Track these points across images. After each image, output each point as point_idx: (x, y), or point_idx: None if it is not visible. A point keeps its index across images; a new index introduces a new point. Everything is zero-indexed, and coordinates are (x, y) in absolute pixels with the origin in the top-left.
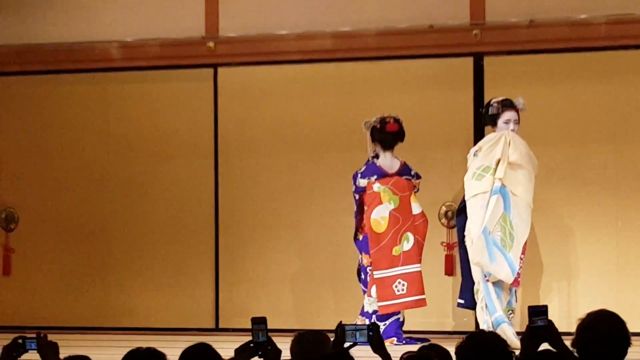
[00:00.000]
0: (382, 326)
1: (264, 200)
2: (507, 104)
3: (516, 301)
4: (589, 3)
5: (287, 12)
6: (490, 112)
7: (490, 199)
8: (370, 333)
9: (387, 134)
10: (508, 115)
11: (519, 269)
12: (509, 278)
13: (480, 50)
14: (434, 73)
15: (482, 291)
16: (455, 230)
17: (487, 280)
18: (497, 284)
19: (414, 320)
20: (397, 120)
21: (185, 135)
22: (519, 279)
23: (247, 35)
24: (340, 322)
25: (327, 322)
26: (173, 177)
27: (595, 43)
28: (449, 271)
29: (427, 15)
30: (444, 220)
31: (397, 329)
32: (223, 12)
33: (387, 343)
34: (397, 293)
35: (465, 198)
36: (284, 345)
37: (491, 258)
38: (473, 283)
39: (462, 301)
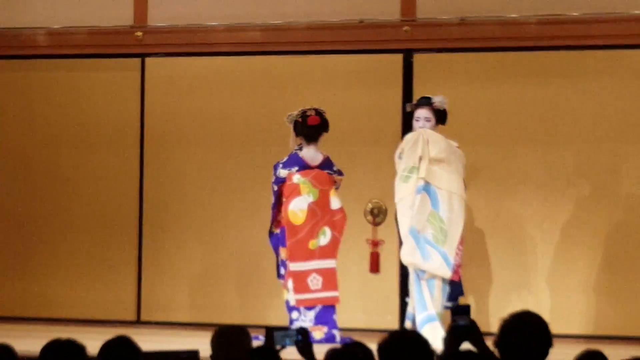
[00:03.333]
0: (312, 312)
1: (189, 193)
2: (420, 103)
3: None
4: (521, 2)
5: (217, 3)
6: (407, 110)
7: (415, 199)
8: (299, 337)
9: (309, 127)
10: (418, 113)
11: (457, 262)
12: (445, 272)
13: (411, 47)
14: (363, 68)
15: (414, 290)
16: (380, 227)
17: (421, 279)
18: (432, 282)
19: (339, 317)
20: (318, 113)
21: (111, 126)
22: (459, 271)
23: (176, 26)
24: (267, 327)
25: (249, 316)
26: (98, 167)
27: (525, 43)
28: (374, 268)
29: (358, 10)
30: (369, 218)
31: (332, 316)
32: (152, 2)
33: (317, 332)
34: (312, 287)
35: (395, 202)
36: (203, 339)
37: (424, 256)
38: None
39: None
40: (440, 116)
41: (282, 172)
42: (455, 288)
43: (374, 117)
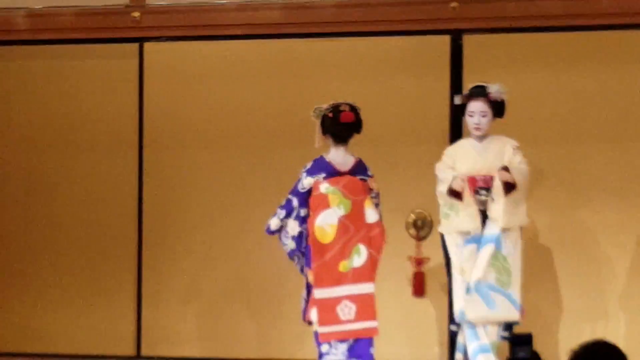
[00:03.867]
0: (345, 345)
1: (196, 202)
2: (473, 93)
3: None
4: None
5: None
6: (455, 103)
7: (482, 249)
8: None
9: (341, 125)
10: (473, 106)
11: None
12: (514, 316)
13: (459, 26)
14: (401, 53)
15: (465, 332)
16: (424, 242)
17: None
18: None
19: (377, 350)
20: (353, 108)
21: (104, 123)
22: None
23: (179, 4)
24: None
25: (268, 350)
26: (88, 173)
27: (596, 20)
28: (419, 291)
29: None
30: (412, 231)
31: (368, 349)
32: None
33: None
34: (343, 318)
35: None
36: None
37: (490, 306)
38: None
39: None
40: (498, 108)
41: (307, 181)
42: None
43: (415, 111)
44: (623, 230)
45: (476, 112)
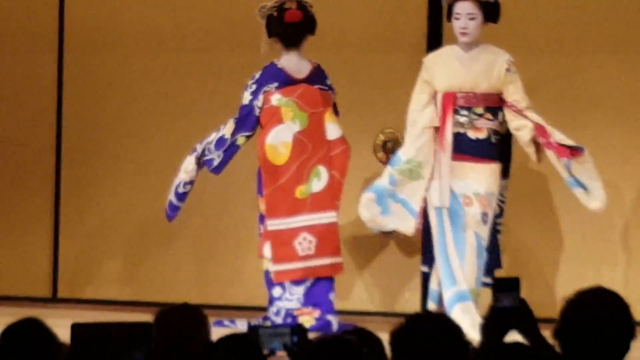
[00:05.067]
0: (301, 289)
1: (124, 116)
2: None
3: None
4: None
5: None
6: (443, 3)
7: None
8: (294, 339)
9: (287, 26)
10: (460, 7)
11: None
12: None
13: None
14: None
15: (439, 257)
16: None
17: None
18: (461, 242)
19: (338, 296)
20: (301, 5)
21: (18, 22)
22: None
23: None
24: (249, 323)
25: (209, 293)
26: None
27: None
28: None
29: None
30: (381, 154)
31: (327, 295)
32: None
33: (306, 316)
34: (301, 253)
35: None
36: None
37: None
38: None
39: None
40: (490, 11)
41: (247, 97)
42: (490, 255)
43: (387, 11)
44: (628, 158)
45: (462, 13)
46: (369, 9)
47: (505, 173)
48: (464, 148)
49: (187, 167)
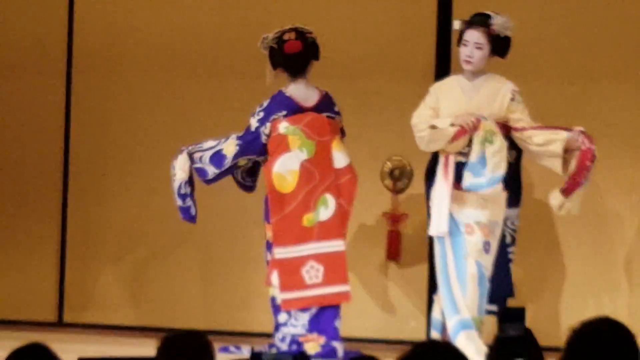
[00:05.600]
0: (307, 315)
1: (133, 139)
2: (473, 21)
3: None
4: None
5: None
6: (454, 28)
7: None
8: None
9: (288, 57)
10: (469, 35)
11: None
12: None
13: None
14: None
15: (441, 286)
16: (402, 196)
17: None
18: (462, 272)
19: (343, 324)
20: (300, 35)
21: (26, 43)
22: (511, 266)
23: None
24: (252, 349)
25: (216, 320)
26: (5, 102)
27: None
28: (393, 254)
29: None
30: (388, 182)
31: (332, 322)
32: None
33: (311, 343)
34: (309, 281)
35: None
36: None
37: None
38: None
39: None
40: (499, 45)
41: (254, 124)
42: (501, 285)
43: (395, 40)
44: (635, 188)
45: (470, 42)
46: (378, 37)
47: (515, 202)
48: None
49: (184, 165)
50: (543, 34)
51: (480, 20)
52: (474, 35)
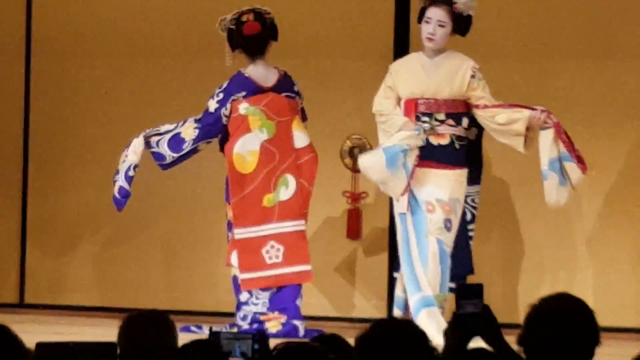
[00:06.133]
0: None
1: (93, 121)
2: None
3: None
4: None
5: None
6: (422, 6)
7: None
8: (255, 346)
9: (247, 38)
10: (432, 12)
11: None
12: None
13: None
14: None
15: (403, 263)
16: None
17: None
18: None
19: (305, 302)
20: (258, 15)
21: None
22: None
23: None
24: (211, 328)
25: (178, 299)
26: None
27: None
28: (353, 233)
29: None
30: (348, 160)
31: (294, 301)
32: None
33: (273, 321)
34: (269, 261)
35: None
36: (111, 329)
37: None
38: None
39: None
40: (461, 24)
41: (213, 105)
42: (461, 262)
43: (353, 18)
44: (594, 164)
45: (433, 19)
46: (337, 17)
47: (476, 179)
48: (426, 154)
49: (137, 148)
50: (503, 13)
51: None
52: (437, 13)
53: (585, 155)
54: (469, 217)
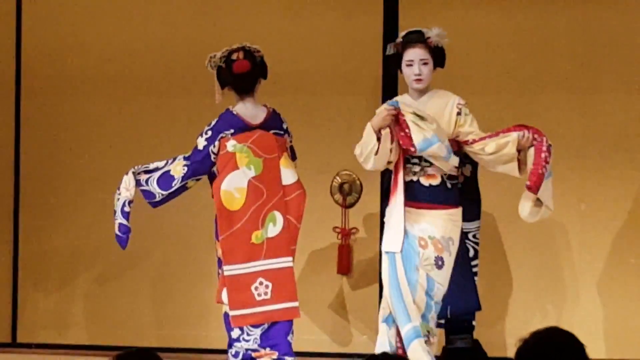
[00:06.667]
0: (259, 330)
1: (84, 160)
2: (410, 39)
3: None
4: None
5: None
6: (388, 54)
7: None
8: None
9: (236, 77)
10: (411, 54)
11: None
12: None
13: None
14: None
15: (390, 296)
16: (352, 210)
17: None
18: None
19: (296, 338)
20: (248, 54)
21: None
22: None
23: None
24: None
25: (170, 337)
26: None
27: None
28: (343, 268)
29: None
30: (338, 196)
31: (286, 336)
32: None
33: (264, 358)
34: (258, 298)
35: None
36: None
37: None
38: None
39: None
40: (439, 56)
41: (202, 143)
42: (468, 299)
43: (342, 54)
44: (583, 197)
45: (415, 60)
46: (325, 52)
47: (475, 214)
48: (418, 195)
49: (129, 184)
50: (490, 47)
51: (417, 37)
52: (417, 53)
53: (574, 187)
54: (471, 253)
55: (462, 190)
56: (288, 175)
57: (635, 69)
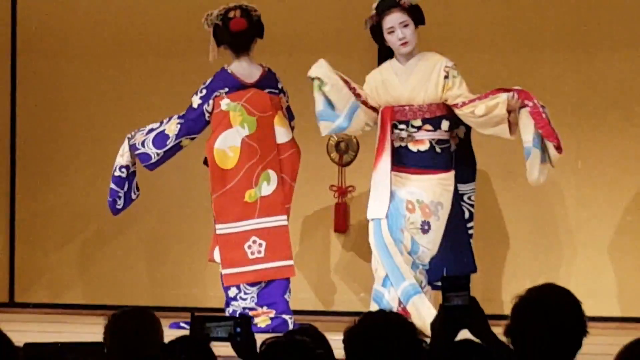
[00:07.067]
0: (256, 289)
1: (80, 120)
2: (384, 6)
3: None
4: None
5: None
6: (368, 28)
7: None
8: (237, 329)
9: (233, 35)
10: (389, 20)
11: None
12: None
13: None
14: None
15: (380, 256)
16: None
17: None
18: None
19: (293, 297)
20: (245, 12)
21: None
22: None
23: None
24: (192, 314)
25: (164, 296)
26: None
27: None
28: (340, 226)
29: None
30: (334, 155)
31: (283, 294)
32: None
33: (262, 316)
34: (251, 256)
35: None
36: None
37: None
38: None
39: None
40: (418, 14)
41: (196, 101)
42: (463, 261)
43: (340, 16)
44: (578, 154)
45: (395, 25)
46: (322, 13)
47: (470, 177)
48: (406, 161)
49: (122, 150)
50: (484, 4)
51: (390, 2)
52: (395, 17)
53: (570, 145)
54: (467, 215)
55: (456, 153)
56: (282, 133)
57: (631, 24)
